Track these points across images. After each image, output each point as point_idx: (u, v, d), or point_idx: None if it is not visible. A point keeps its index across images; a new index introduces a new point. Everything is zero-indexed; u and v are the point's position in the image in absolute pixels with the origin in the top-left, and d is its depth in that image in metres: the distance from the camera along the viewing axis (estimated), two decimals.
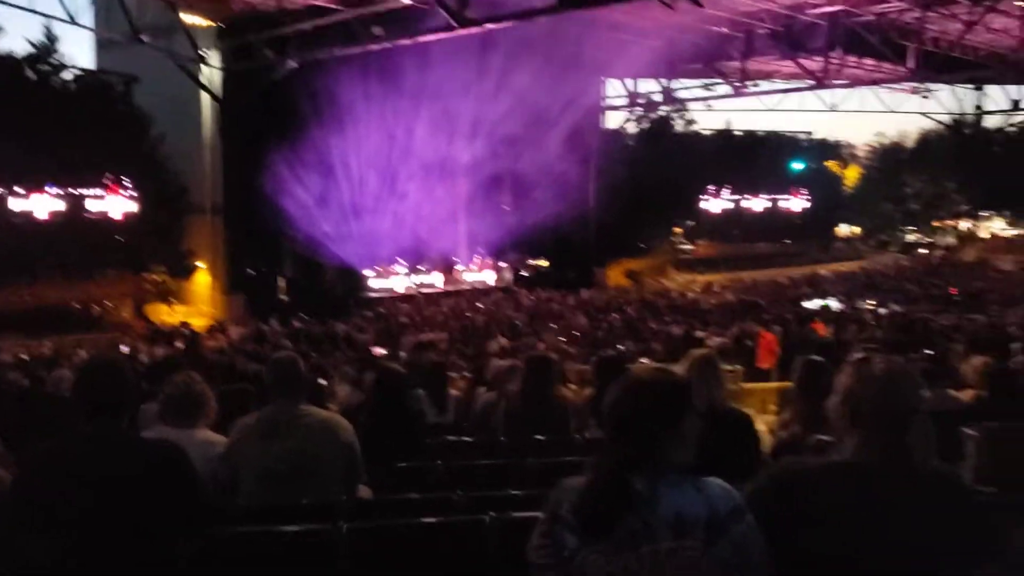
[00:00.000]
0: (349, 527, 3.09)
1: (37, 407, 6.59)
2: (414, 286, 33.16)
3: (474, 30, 21.68)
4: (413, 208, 32.92)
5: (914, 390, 2.30)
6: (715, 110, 46.45)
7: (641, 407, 2.18)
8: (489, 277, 35.99)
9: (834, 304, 28.02)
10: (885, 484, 2.15)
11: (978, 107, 46.38)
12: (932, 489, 2.20)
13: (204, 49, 27.62)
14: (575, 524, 2.11)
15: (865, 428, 2.21)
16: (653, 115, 43.53)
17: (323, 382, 7.51)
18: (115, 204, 26.28)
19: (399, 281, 33.03)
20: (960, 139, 47.87)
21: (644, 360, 13.50)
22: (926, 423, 2.30)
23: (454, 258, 35.89)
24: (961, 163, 47.26)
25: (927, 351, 10.87)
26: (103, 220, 26.19)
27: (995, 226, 53.97)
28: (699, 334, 17.31)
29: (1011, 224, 55.06)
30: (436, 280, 34.46)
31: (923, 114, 47.50)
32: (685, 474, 2.15)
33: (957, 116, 47.24)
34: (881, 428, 2.20)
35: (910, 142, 54.05)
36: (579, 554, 2.09)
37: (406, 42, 24.12)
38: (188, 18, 26.44)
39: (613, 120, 40.98)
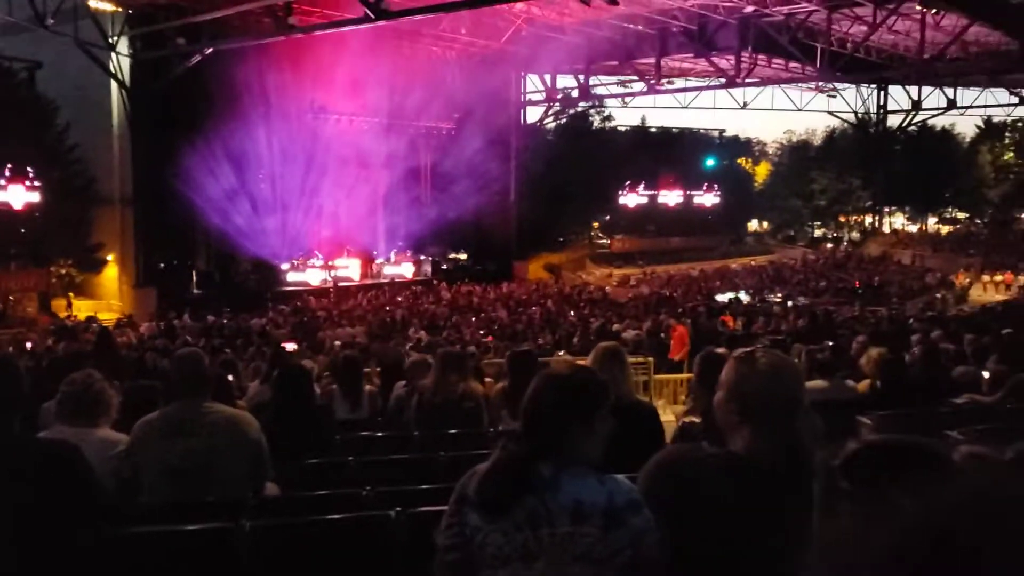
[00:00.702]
0: (252, 525, 3.07)
1: None
2: (331, 279, 32.75)
3: (392, 23, 21.54)
4: (330, 201, 32.55)
5: (798, 382, 2.35)
6: (631, 107, 47.40)
7: (557, 400, 2.24)
8: (408, 270, 35.81)
9: (744, 297, 28.79)
10: (769, 478, 2.17)
11: (881, 106, 48.21)
12: (804, 477, 2.25)
13: (112, 36, 26.76)
14: (477, 503, 2.18)
15: (752, 422, 2.23)
16: (571, 111, 43.93)
17: (231, 378, 7.37)
18: (17, 195, 25.25)
19: (315, 274, 32.57)
20: (865, 137, 49.58)
21: (561, 353, 13.68)
22: (811, 415, 2.35)
23: (373, 251, 35.60)
24: (865, 160, 48.98)
25: (830, 342, 11.27)
26: (4, 211, 25.12)
27: (897, 221, 56.04)
28: (616, 327, 17.62)
29: (911, 220, 57.28)
30: (353, 273, 34.10)
31: (830, 112, 49.27)
32: (590, 468, 2.23)
33: (862, 115, 48.95)
34: (767, 421, 2.21)
35: (817, 140, 55.74)
36: (480, 533, 2.16)
37: (320, 32, 23.83)
38: (96, 3, 25.58)
39: (533, 115, 41.26)
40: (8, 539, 2.53)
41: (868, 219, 52.90)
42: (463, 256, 39.84)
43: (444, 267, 37.88)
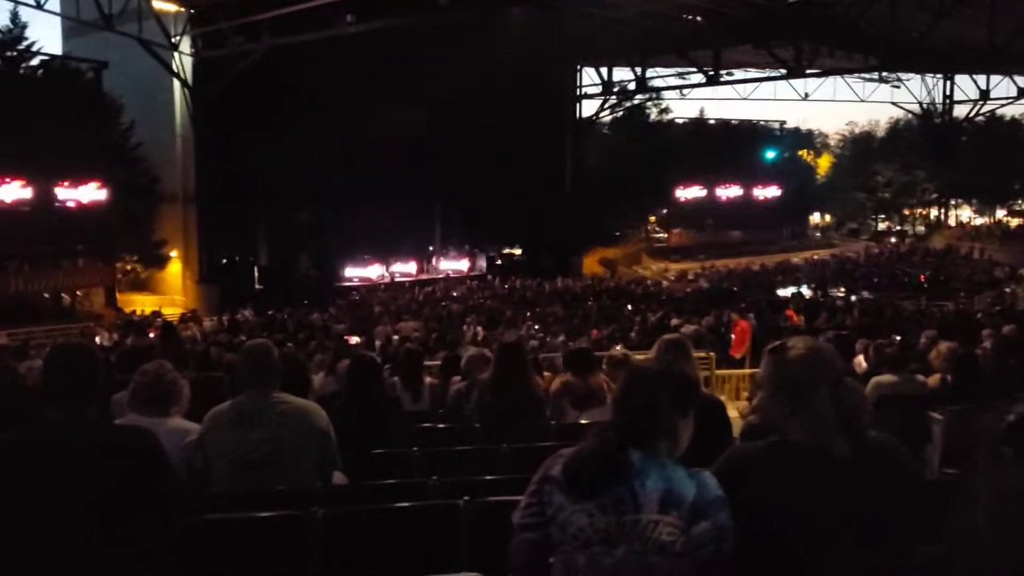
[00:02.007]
0: (324, 512, 3.10)
1: (7, 398, 6.51)
2: (387, 275, 33.07)
3: (450, 16, 21.64)
4: (387, 196, 32.80)
5: (835, 361, 2.36)
6: (689, 99, 46.83)
7: (656, 393, 2.28)
8: (463, 265, 35.97)
9: (806, 291, 28.31)
10: (837, 464, 2.20)
11: (947, 96, 46.96)
12: (865, 466, 2.24)
13: (175, 36, 27.32)
14: (564, 482, 2.19)
15: (804, 409, 2.25)
16: (628, 104, 43.64)
17: (303, 369, 7.47)
18: (84, 193, 25.96)
19: (374, 270, 32.93)
20: (930, 128, 48.39)
21: (619, 348, 13.59)
22: (848, 383, 2.36)
23: (429, 247, 35.85)
24: (931, 152, 47.78)
25: (896, 337, 11.01)
26: (72, 209, 25.85)
27: (963, 214, 54.63)
28: (674, 322, 17.45)
29: (978, 212, 55.75)
30: (409, 268, 34.39)
31: (894, 103, 48.16)
32: (678, 461, 2.25)
33: (927, 105, 47.79)
34: (817, 405, 2.24)
35: (881, 131, 54.57)
36: (563, 512, 2.16)
37: (379, 28, 24.02)
38: (159, 4, 26.16)
39: (588, 109, 41.07)
40: (85, 525, 2.57)
41: (933, 212, 51.68)
42: (518, 251, 39.87)
43: (499, 262, 37.96)
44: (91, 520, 2.57)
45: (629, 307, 23.79)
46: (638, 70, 35.13)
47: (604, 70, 37.72)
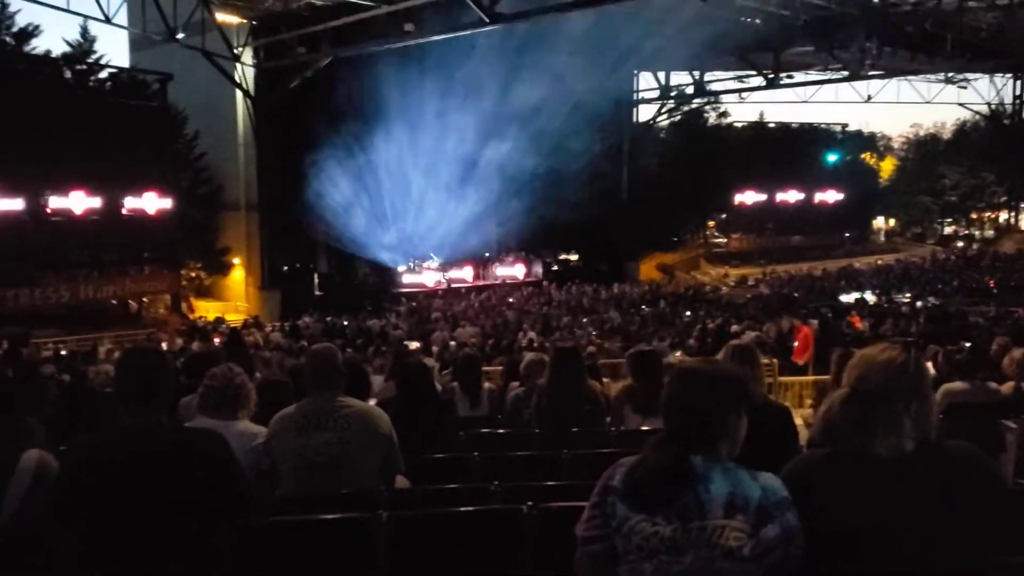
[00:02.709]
0: (389, 515, 3.13)
1: (79, 402, 6.68)
2: (444, 281, 33.25)
3: (505, 25, 21.68)
4: (445, 203, 33.03)
5: (918, 372, 2.26)
6: (748, 102, 46.29)
7: (708, 394, 2.25)
8: (519, 271, 35.98)
9: (870, 297, 27.70)
10: (905, 474, 2.13)
11: (1017, 96, 45.60)
12: (946, 472, 2.17)
13: (237, 47, 27.88)
14: (626, 493, 2.17)
15: (878, 418, 2.18)
16: (686, 108, 43.29)
17: (363, 373, 7.54)
18: (150, 202, 26.61)
19: (431, 276, 33.14)
20: (999, 129, 47.04)
21: (678, 355, 13.45)
22: (928, 401, 2.27)
23: (485, 253, 35.95)
24: (1000, 154, 46.43)
25: (966, 343, 10.70)
26: (139, 217, 26.53)
27: None
28: (734, 328, 17.22)
29: None
30: (466, 275, 34.52)
31: (960, 104, 46.90)
32: (739, 463, 2.21)
33: (995, 106, 46.49)
34: (890, 414, 2.17)
35: (947, 133, 53.27)
36: (627, 523, 2.14)
37: (437, 38, 24.19)
38: (222, 16, 26.71)
39: (646, 113, 40.81)
40: (158, 526, 2.62)
41: (1003, 215, 50.21)
42: (574, 257, 39.73)
43: (555, 268, 37.88)
44: (164, 521, 2.62)
45: (688, 313, 23.54)
46: (696, 74, 34.84)
47: (662, 74, 37.47)
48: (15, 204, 23.53)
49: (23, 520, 2.72)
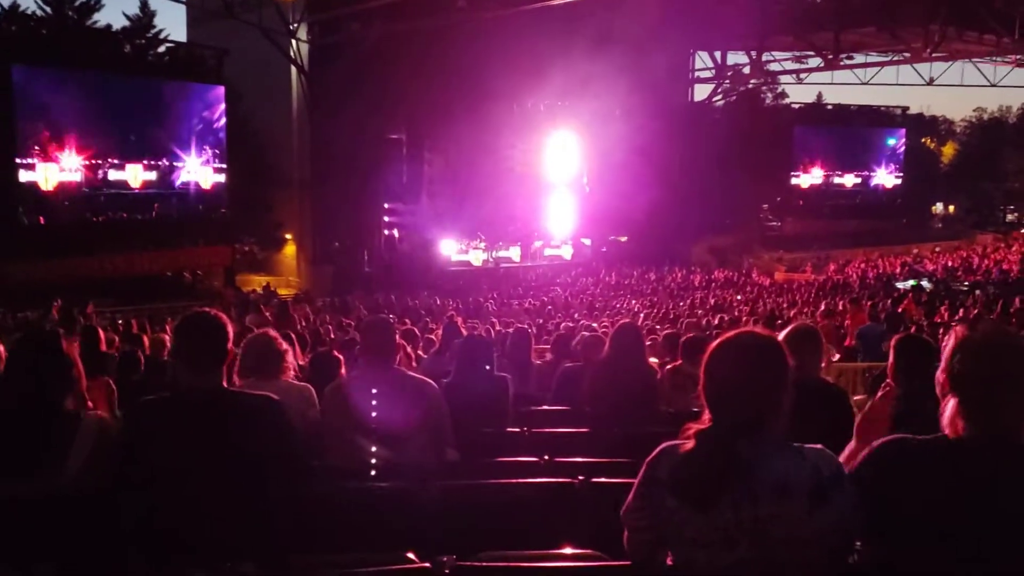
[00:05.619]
0: (440, 486, 3.13)
1: (137, 370, 6.82)
2: (492, 260, 33.30)
3: (559, 1, 21.51)
4: (495, 183, 33.00)
5: (1015, 360, 2.05)
6: (806, 83, 45.36)
7: (748, 370, 2.11)
8: (567, 252, 35.86)
9: (926, 284, 27.12)
10: (983, 461, 1.99)
11: None
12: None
13: (292, 23, 28.04)
14: (674, 485, 2.07)
15: (962, 398, 2.03)
16: (742, 88, 42.58)
17: (407, 348, 7.59)
18: (206, 176, 26.99)
19: (479, 255, 33.21)
20: None
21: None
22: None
23: (534, 233, 35.88)
24: None
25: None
26: (194, 191, 26.93)
27: None
28: (787, 312, 16.98)
29: None
30: (514, 255, 34.52)
31: None
32: (787, 442, 2.10)
33: None
34: (977, 401, 2.01)
35: (1013, 117, 51.76)
36: (677, 514, 2.06)
37: (490, 14, 24.10)
38: None
39: (701, 93, 40.25)
40: (219, 488, 2.64)
41: None
42: (624, 238, 39.48)
43: (604, 249, 37.66)
44: (225, 482, 2.64)
45: (739, 297, 23.28)
46: (753, 54, 34.23)
47: (718, 54, 36.89)
48: (74, 176, 24.03)
49: (87, 480, 2.77)
